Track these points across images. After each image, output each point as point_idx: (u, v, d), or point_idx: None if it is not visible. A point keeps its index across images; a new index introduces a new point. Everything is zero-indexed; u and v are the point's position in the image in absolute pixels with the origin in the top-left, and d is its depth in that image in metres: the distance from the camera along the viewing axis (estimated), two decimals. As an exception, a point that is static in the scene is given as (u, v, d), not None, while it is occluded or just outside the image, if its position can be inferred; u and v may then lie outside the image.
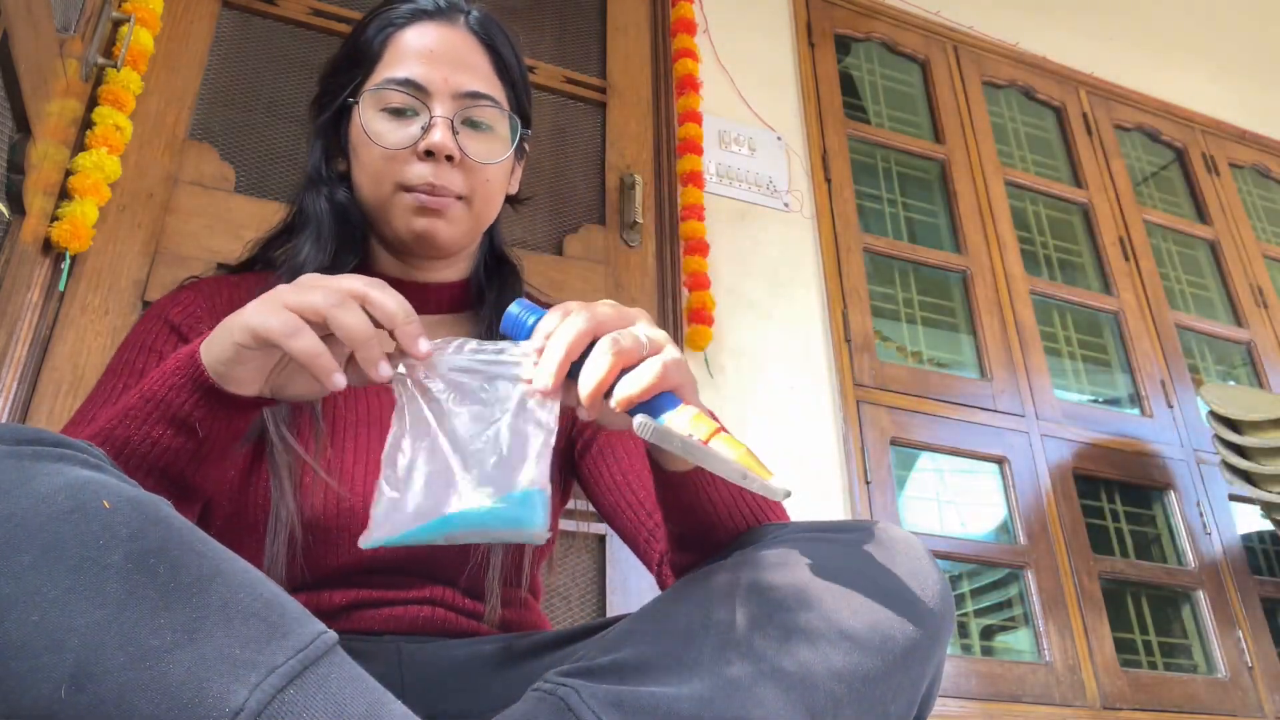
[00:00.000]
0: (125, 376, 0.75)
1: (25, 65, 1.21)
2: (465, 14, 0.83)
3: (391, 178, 0.78)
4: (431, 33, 0.81)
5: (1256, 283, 2.89)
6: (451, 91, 0.79)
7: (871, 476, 1.98)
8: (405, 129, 0.78)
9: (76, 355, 1.43)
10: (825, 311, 2.14)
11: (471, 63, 0.81)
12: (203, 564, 0.46)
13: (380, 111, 0.79)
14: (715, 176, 2.15)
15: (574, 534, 1.67)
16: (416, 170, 0.78)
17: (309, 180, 0.86)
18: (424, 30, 0.81)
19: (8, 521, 0.44)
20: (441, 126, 0.77)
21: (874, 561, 0.57)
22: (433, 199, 0.78)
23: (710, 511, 0.66)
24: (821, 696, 0.51)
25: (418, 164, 0.78)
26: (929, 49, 2.72)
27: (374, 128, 0.78)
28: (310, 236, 0.82)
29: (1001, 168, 2.64)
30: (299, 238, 0.83)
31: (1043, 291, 2.51)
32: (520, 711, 0.49)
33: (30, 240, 1.38)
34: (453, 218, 0.80)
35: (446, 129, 0.77)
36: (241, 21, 1.83)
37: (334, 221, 0.83)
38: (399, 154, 0.78)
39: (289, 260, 0.82)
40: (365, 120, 0.79)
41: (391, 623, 0.73)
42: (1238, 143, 3.20)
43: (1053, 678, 1.94)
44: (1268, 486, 2.08)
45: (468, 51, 0.81)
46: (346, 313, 0.54)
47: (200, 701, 0.41)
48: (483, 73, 0.82)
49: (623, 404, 0.54)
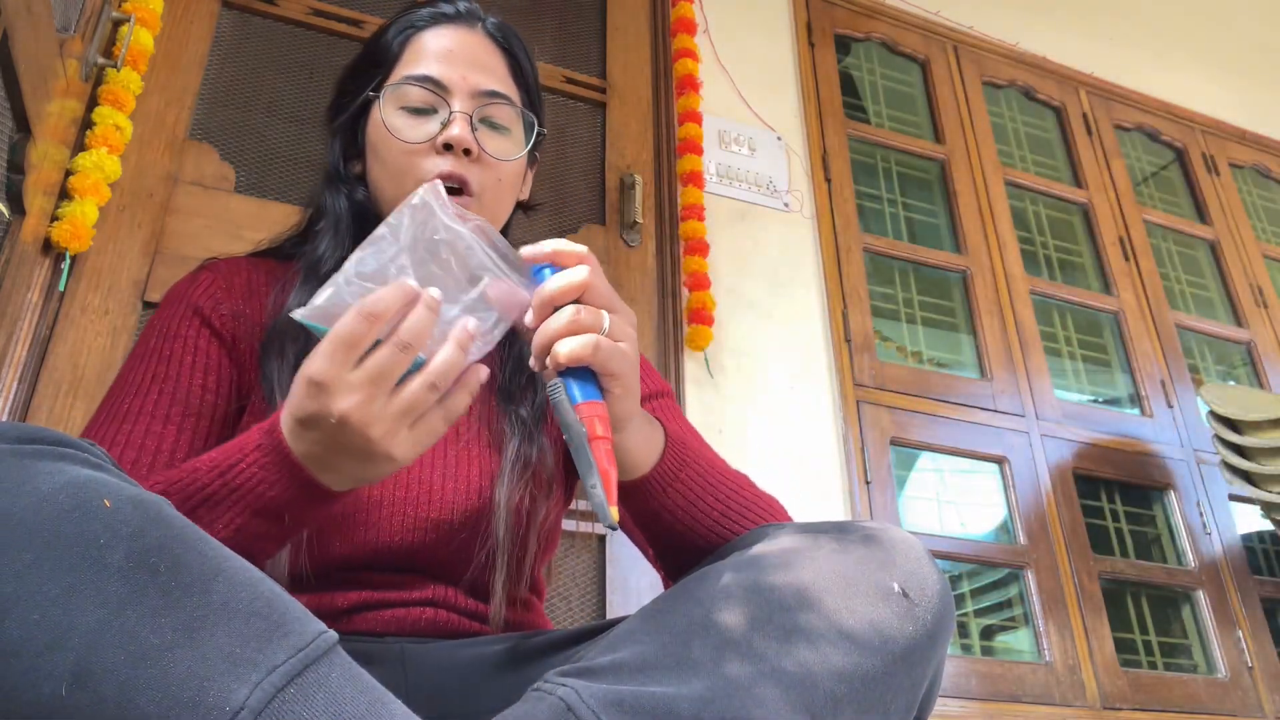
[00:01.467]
0: (154, 363, 0.75)
1: (25, 65, 1.21)
2: (483, 20, 0.86)
3: (411, 172, 0.79)
4: (451, 34, 0.83)
5: (1256, 283, 2.89)
6: (470, 90, 0.81)
7: (871, 476, 1.98)
8: (424, 125, 0.80)
9: (76, 355, 1.43)
10: (825, 311, 2.14)
11: (489, 64, 0.83)
12: (203, 563, 0.46)
13: (400, 109, 0.81)
14: (715, 176, 2.15)
15: (574, 534, 1.67)
16: (435, 164, 0.79)
17: (327, 178, 0.87)
18: (443, 32, 0.83)
19: (8, 520, 0.44)
20: (461, 121, 0.79)
21: (874, 561, 0.58)
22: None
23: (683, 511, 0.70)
24: (822, 696, 0.51)
25: (436, 158, 0.79)
26: (929, 49, 2.72)
27: (394, 123, 0.80)
28: (328, 231, 0.83)
29: (1001, 168, 2.64)
30: (317, 232, 0.84)
31: (1043, 291, 2.51)
32: (520, 712, 0.49)
33: (30, 240, 1.38)
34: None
35: (465, 124, 0.79)
36: (241, 21, 1.83)
37: (351, 219, 0.84)
38: (418, 148, 0.79)
39: (307, 254, 0.83)
40: (385, 116, 0.80)
41: (395, 624, 0.73)
42: (1238, 143, 3.20)
43: (1053, 678, 1.94)
44: (1268, 486, 2.08)
45: (485, 54, 0.84)
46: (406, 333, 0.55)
47: (201, 700, 0.41)
48: (500, 75, 0.84)
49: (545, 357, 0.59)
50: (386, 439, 0.55)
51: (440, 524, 0.74)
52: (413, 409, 0.56)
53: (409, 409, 0.56)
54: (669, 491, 0.69)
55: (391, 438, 0.56)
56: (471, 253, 0.59)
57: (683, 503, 0.70)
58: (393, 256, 0.58)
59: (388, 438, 0.55)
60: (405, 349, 0.55)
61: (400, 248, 0.58)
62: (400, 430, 0.56)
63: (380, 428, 0.55)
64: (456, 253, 0.59)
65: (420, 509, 0.74)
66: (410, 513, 0.74)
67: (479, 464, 0.77)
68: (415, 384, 0.56)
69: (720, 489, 0.72)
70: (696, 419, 1.83)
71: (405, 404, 0.55)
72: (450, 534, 0.75)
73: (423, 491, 0.75)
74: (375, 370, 0.54)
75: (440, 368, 0.56)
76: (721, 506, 0.71)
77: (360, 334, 0.54)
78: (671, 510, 0.70)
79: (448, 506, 0.75)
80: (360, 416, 0.54)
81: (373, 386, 0.54)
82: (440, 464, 0.77)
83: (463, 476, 0.76)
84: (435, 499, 0.75)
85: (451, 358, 0.56)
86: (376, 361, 0.54)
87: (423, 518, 0.74)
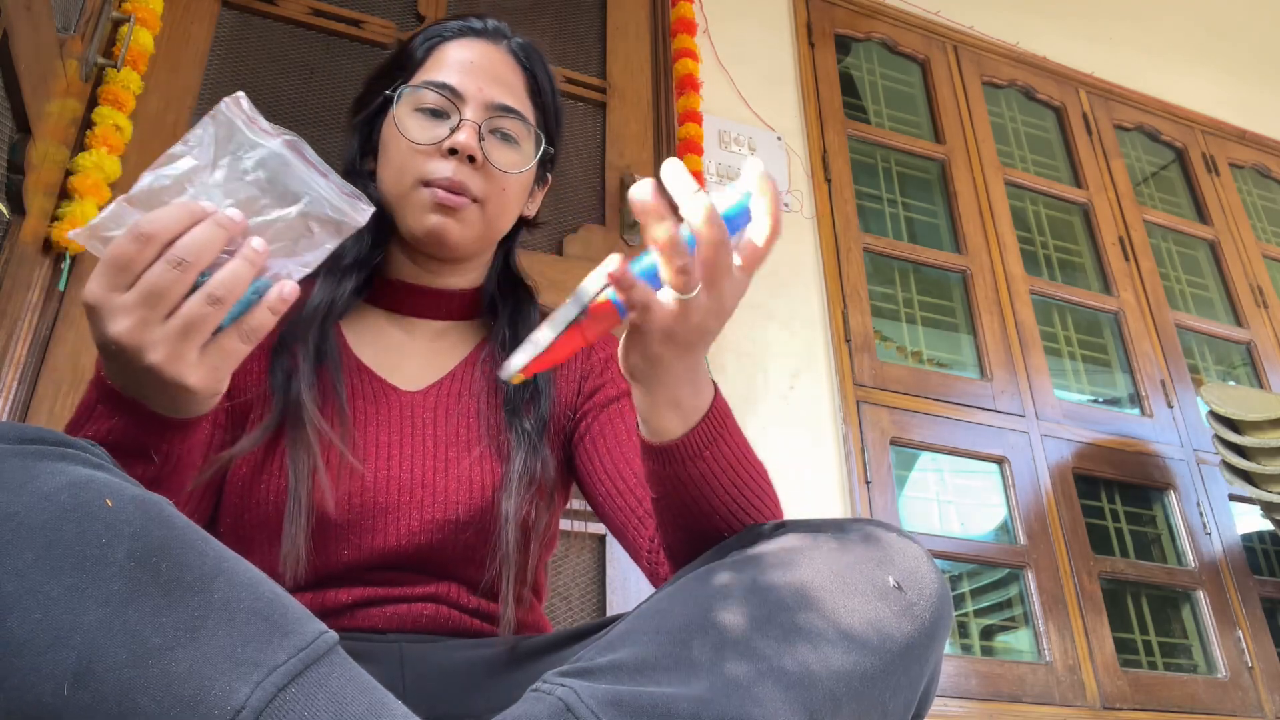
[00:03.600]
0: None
1: (25, 65, 1.21)
2: (509, 38, 0.88)
3: (414, 172, 0.81)
4: (474, 47, 0.85)
5: (1256, 283, 2.89)
6: (484, 101, 0.82)
7: (871, 476, 1.98)
8: (435, 128, 0.81)
9: (76, 355, 1.43)
10: (825, 311, 2.14)
11: (508, 80, 0.85)
12: (205, 563, 0.46)
13: (415, 110, 0.82)
14: (715, 176, 2.15)
15: (574, 534, 1.67)
16: (439, 166, 0.80)
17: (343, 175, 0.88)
18: (468, 44, 0.85)
19: (10, 520, 0.44)
20: (468, 129, 0.80)
21: (872, 560, 0.58)
22: (449, 197, 0.80)
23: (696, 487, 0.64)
24: (821, 695, 0.51)
25: (440, 161, 0.80)
26: (929, 49, 2.73)
27: (405, 123, 0.82)
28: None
29: (1001, 168, 2.64)
30: None
31: (1043, 291, 2.51)
32: (520, 712, 0.49)
33: (30, 240, 1.38)
34: (465, 219, 0.82)
35: (473, 132, 0.80)
36: (241, 21, 1.83)
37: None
38: (424, 150, 0.81)
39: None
40: (399, 115, 0.82)
41: (396, 620, 0.73)
42: (1238, 143, 3.20)
43: (1053, 678, 1.95)
44: (1268, 486, 2.08)
45: (506, 69, 0.85)
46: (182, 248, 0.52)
47: (202, 699, 0.41)
48: (517, 91, 0.86)
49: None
50: (171, 363, 0.52)
51: (446, 524, 0.75)
52: (192, 326, 0.52)
53: (187, 327, 0.52)
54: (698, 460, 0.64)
55: (178, 361, 0.52)
56: (288, 169, 0.55)
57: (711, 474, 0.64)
58: (187, 173, 0.53)
59: (172, 361, 0.52)
60: (181, 266, 0.51)
61: (198, 165, 0.54)
62: (186, 353, 0.53)
63: (159, 351, 0.52)
64: (268, 168, 0.54)
65: (426, 511, 0.75)
66: (417, 515, 0.74)
67: (481, 466, 0.78)
68: (192, 300, 0.52)
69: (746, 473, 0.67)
70: (696, 419, 1.83)
71: (182, 321, 0.52)
72: (455, 533, 0.75)
73: (428, 494, 0.75)
74: (146, 289, 0.51)
75: (220, 278, 0.52)
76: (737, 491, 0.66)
77: (131, 255, 0.51)
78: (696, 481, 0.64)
79: (453, 506, 0.75)
80: (134, 340, 0.52)
81: (145, 308, 0.51)
82: (444, 466, 0.77)
83: (465, 477, 0.77)
84: (440, 499, 0.75)
85: (235, 269, 0.53)
86: (147, 280, 0.51)
87: (429, 519, 0.75)
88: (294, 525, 0.70)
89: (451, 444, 0.78)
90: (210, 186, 0.54)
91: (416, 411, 0.80)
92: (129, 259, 0.51)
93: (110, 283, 0.52)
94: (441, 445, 0.78)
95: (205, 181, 0.54)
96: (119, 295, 0.52)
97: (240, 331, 0.55)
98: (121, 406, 0.57)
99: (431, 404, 0.81)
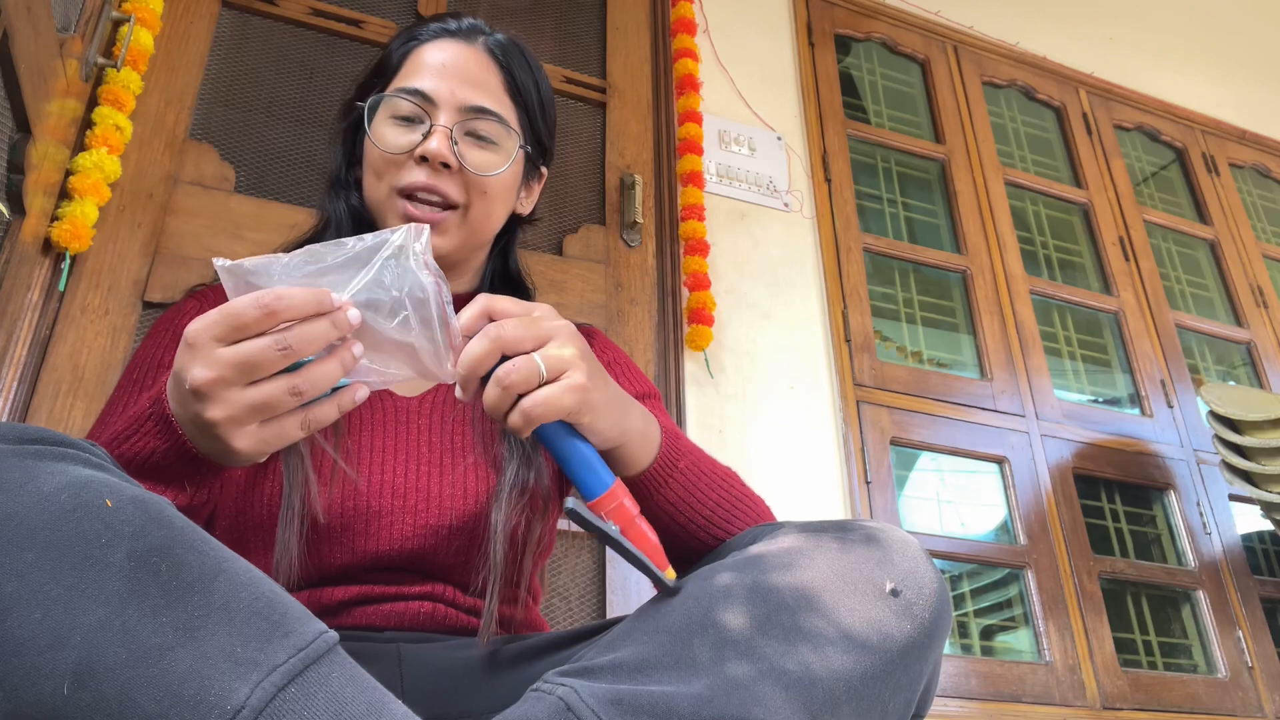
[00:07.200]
0: (136, 393, 0.76)
1: (25, 65, 1.21)
2: (487, 34, 0.87)
3: (389, 181, 0.81)
4: (448, 49, 0.84)
5: (1256, 283, 2.89)
6: (457, 104, 0.82)
7: (871, 476, 1.98)
8: (408, 135, 0.81)
9: (76, 355, 1.43)
10: (825, 311, 2.14)
11: (482, 80, 0.84)
12: (204, 562, 0.46)
13: (389, 118, 0.82)
14: (715, 176, 2.15)
15: (574, 534, 1.67)
16: (413, 175, 0.80)
17: (329, 184, 0.89)
18: (442, 46, 0.84)
19: (10, 520, 0.44)
20: (440, 135, 0.80)
21: (872, 561, 0.58)
22: (420, 211, 0.80)
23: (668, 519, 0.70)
24: (822, 695, 0.51)
25: (414, 169, 0.80)
26: (929, 49, 2.73)
27: (379, 132, 0.82)
28: (330, 235, 0.84)
29: (1001, 168, 2.64)
30: (321, 239, 0.85)
31: (1043, 291, 2.51)
32: (520, 711, 0.49)
33: (30, 240, 1.38)
34: (444, 229, 0.82)
35: (444, 138, 0.80)
36: (241, 21, 1.83)
37: (352, 223, 0.86)
38: (398, 158, 0.81)
39: None
40: (374, 124, 0.82)
41: (393, 618, 0.73)
42: (1238, 143, 3.20)
43: (1053, 678, 1.94)
44: (1268, 486, 2.08)
45: (480, 69, 0.84)
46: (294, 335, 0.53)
47: (202, 699, 0.41)
48: (493, 91, 0.84)
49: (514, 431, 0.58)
50: (229, 426, 0.53)
51: (439, 529, 0.75)
52: (266, 406, 0.54)
53: (262, 404, 0.53)
54: (664, 490, 0.69)
55: (235, 426, 0.54)
56: (423, 305, 0.56)
57: (677, 501, 0.70)
58: (342, 264, 0.55)
59: (231, 425, 0.53)
60: (284, 350, 0.52)
61: (353, 260, 0.55)
62: (247, 423, 0.54)
63: (224, 411, 0.53)
64: (409, 295, 0.56)
65: (419, 516, 0.75)
66: (410, 520, 0.74)
67: (475, 472, 0.78)
68: (277, 382, 0.54)
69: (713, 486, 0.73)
70: (696, 419, 1.83)
71: (259, 398, 0.53)
72: (449, 538, 0.75)
73: (421, 499, 0.75)
74: (241, 356, 0.52)
75: (310, 375, 0.54)
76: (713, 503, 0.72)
77: (247, 320, 0.52)
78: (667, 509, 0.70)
79: (446, 511, 0.75)
80: (208, 390, 0.53)
81: (233, 370, 0.52)
82: (438, 472, 0.77)
83: (458, 483, 0.77)
84: (434, 505, 0.75)
85: (326, 369, 0.54)
86: (247, 349, 0.52)
87: (421, 524, 0.75)
88: (287, 530, 0.70)
89: (446, 450, 0.79)
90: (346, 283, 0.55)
91: (412, 418, 0.80)
92: (244, 323, 0.52)
93: (215, 332, 0.52)
94: (436, 451, 0.78)
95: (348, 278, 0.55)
96: (217, 347, 0.53)
97: (303, 420, 0.56)
98: (167, 431, 0.58)
99: (427, 410, 0.81)
